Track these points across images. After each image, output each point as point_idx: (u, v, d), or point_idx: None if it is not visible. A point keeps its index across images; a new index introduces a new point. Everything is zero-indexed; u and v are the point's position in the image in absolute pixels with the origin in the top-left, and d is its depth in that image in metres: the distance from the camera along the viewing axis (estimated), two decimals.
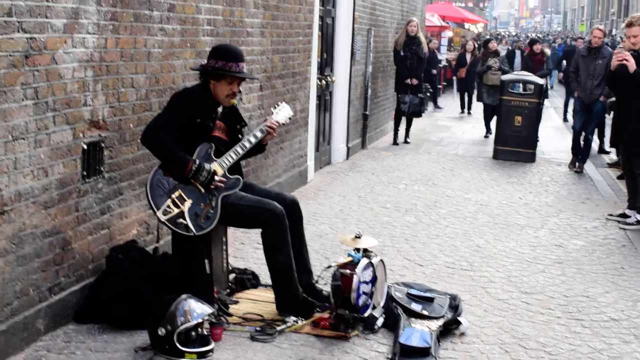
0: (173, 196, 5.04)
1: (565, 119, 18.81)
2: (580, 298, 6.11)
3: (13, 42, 4.25)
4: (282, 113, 5.64)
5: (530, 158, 12.75)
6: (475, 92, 17.81)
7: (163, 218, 4.99)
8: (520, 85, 13.41)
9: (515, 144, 12.76)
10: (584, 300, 6.07)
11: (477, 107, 18.67)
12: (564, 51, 23.12)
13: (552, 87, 25.54)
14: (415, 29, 13.53)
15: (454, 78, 21.49)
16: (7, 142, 4.27)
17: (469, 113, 20.30)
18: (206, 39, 6.58)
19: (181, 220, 5.01)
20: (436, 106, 21.39)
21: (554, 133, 16.58)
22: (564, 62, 19.65)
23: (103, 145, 5.22)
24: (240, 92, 5.45)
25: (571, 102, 15.63)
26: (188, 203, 5.06)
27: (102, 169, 5.23)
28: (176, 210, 5.02)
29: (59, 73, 4.69)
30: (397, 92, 14.08)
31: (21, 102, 4.36)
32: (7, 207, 4.31)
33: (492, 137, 13.79)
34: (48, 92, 4.60)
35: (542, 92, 13.31)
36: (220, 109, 5.36)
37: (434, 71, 20.25)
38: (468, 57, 20.45)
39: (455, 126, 17.56)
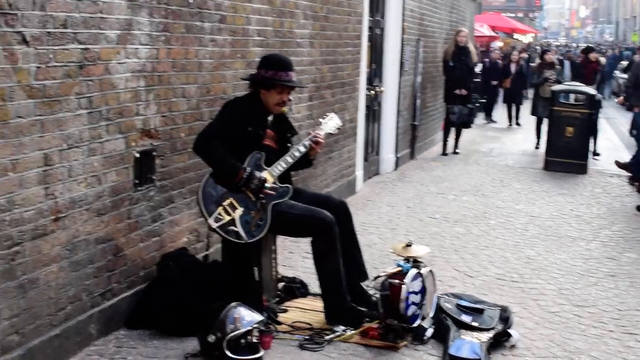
0: (224, 204, 5.07)
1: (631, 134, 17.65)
2: (633, 312, 6.00)
3: (68, 52, 4.34)
4: (331, 123, 5.66)
5: (582, 169, 12.57)
6: (529, 103, 17.37)
7: (214, 225, 5.03)
8: (572, 95, 13.24)
9: (566, 155, 12.60)
10: (637, 314, 5.96)
11: (525, 118, 18.46)
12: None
13: (605, 98, 24.98)
14: (465, 39, 13.46)
15: (500, 90, 20.91)
16: (62, 151, 4.35)
17: (517, 124, 19.76)
18: (256, 50, 6.64)
19: (232, 227, 5.05)
20: (490, 119, 20.65)
21: (606, 144, 16.32)
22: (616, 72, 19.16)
23: (155, 154, 5.28)
24: (290, 100, 5.48)
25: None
26: (239, 211, 5.09)
27: (153, 177, 5.30)
28: (227, 218, 5.05)
29: (112, 83, 4.77)
30: (446, 102, 14.01)
31: (75, 112, 4.44)
32: (61, 214, 4.39)
33: (542, 148, 13.61)
34: (102, 101, 4.68)
35: (593, 103, 13.13)
36: (270, 118, 5.39)
37: (494, 82, 19.96)
38: (513, 67, 19.98)
39: (505, 137, 17.41)
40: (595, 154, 14.31)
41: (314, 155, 5.55)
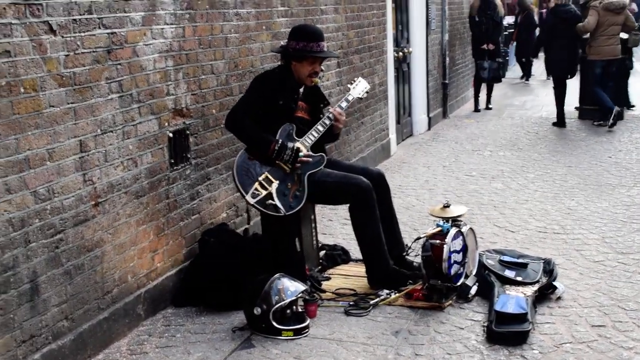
0: (260, 179, 5.10)
1: None
2: None
3: (95, 38, 4.36)
4: (359, 87, 5.66)
5: (619, 116, 12.35)
6: None
7: (252, 201, 5.06)
8: None
9: None
10: None
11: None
12: None
13: None
14: None
15: (514, 43, 19.01)
16: (97, 136, 4.39)
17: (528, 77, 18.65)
18: (281, 20, 6.61)
19: (270, 201, 5.07)
20: (528, 76, 18.98)
21: None
22: None
23: (188, 132, 5.31)
24: (322, 71, 5.47)
25: None
26: (275, 184, 5.11)
27: (188, 155, 5.33)
28: (264, 192, 5.08)
29: (141, 65, 4.79)
30: (474, 58, 13.88)
31: (107, 97, 4.48)
32: (100, 198, 4.44)
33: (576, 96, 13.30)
34: (132, 84, 4.70)
35: (626, 48, 12.77)
36: (301, 90, 5.39)
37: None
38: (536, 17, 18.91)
39: (538, 88, 17.20)
40: (630, 105, 13.31)
41: (338, 130, 5.51)
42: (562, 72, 12.04)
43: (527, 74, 18.92)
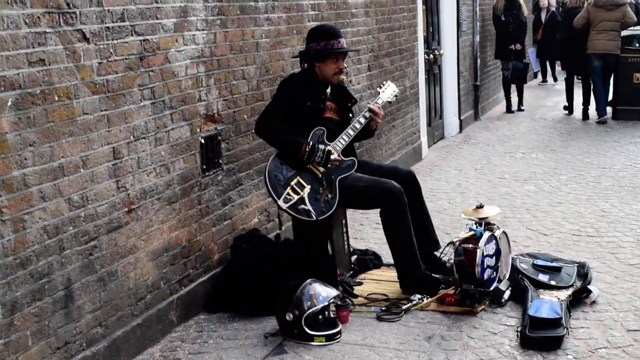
0: (292, 183, 5.10)
1: None
2: None
3: (128, 45, 4.39)
4: (388, 91, 5.66)
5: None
6: None
7: (284, 206, 5.07)
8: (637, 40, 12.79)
9: (636, 102, 12.26)
10: None
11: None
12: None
13: None
14: None
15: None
16: (130, 143, 4.43)
17: (554, 80, 17.68)
18: (311, 24, 6.60)
19: (302, 206, 5.07)
20: (555, 78, 18.08)
21: None
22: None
23: (220, 138, 5.33)
24: (345, 67, 5.47)
25: None
26: (307, 189, 5.11)
27: (220, 161, 5.35)
28: (296, 197, 5.08)
29: (173, 71, 4.82)
30: (498, 58, 13.76)
31: (139, 103, 4.51)
32: (134, 205, 4.47)
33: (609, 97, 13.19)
34: (164, 91, 4.73)
35: None
36: (328, 90, 5.39)
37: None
38: (543, 15, 16.59)
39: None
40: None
41: (375, 125, 5.53)
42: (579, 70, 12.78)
43: (553, 76, 18.10)
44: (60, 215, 3.91)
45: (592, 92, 12.62)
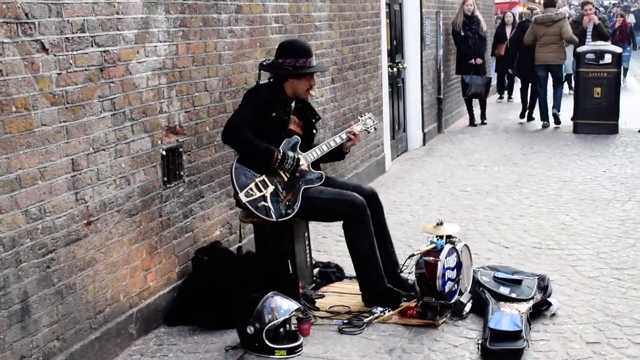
0: (257, 180, 5.09)
1: None
2: None
3: (88, 56, 4.35)
4: (369, 122, 5.80)
5: (613, 130, 12.40)
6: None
7: (245, 200, 5.03)
8: (598, 55, 12.96)
9: (596, 116, 12.44)
10: None
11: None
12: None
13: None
14: (472, 7, 13.34)
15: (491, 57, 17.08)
16: (89, 154, 4.38)
17: (509, 99, 17.34)
18: (275, 37, 6.62)
19: (263, 203, 5.06)
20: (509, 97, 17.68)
21: (637, 102, 16.07)
22: None
23: (181, 150, 5.30)
24: (314, 83, 5.52)
25: None
26: (270, 188, 5.11)
27: (182, 173, 5.32)
28: (258, 194, 5.07)
29: (134, 83, 4.79)
30: (459, 73, 13.88)
31: (99, 115, 4.47)
32: (93, 217, 4.42)
33: (570, 112, 13.35)
34: (125, 102, 4.70)
35: (620, 61, 12.95)
36: (293, 104, 5.39)
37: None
38: (508, 30, 15.92)
39: None
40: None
41: (349, 148, 5.60)
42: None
43: (509, 90, 17.56)
44: (17, 228, 3.85)
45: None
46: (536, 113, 13.74)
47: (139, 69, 4.83)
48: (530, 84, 14.09)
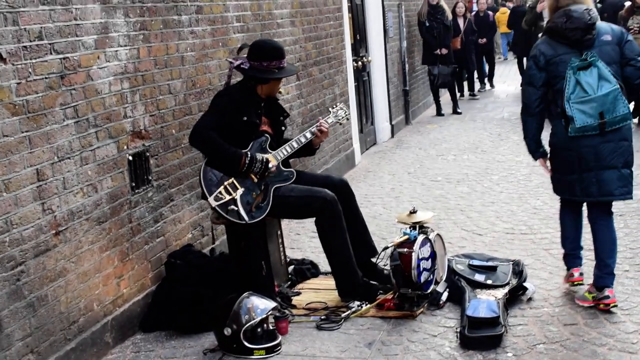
0: (225, 183, 5.05)
1: None
2: None
3: (47, 64, 4.29)
4: (340, 113, 5.77)
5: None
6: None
7: (214, 204, 5.00)
8: None
9: None
10: None
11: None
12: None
13: None
14: None
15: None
16: (54, 164, 4.32)
17: (471, 95, 16.26)
18: (237, 36, 6.58)
19: (233, 206, 5.02)
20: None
21: None
22: None
23: (148, 154, 5.25)
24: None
25: None
26: (240, 191, 5.07)
27: (150, 177, 5.26)
28: (228, 197, 5.03)
29: (96, 89, 4.72)
30: (425, 64, 13.90)
31: (62, 123, 4.40)
32: (61, 227, 4.36)
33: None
34: (87, 109, 4.63)
35: None
36: (263, 104, 5.35)
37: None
38: (461, 22, 14.93)
39: (498, 90, 17.27)
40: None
41: (318, 144, 5.56)
42: None
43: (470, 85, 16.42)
44: None
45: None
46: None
47: (101, 75, 4.77)
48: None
